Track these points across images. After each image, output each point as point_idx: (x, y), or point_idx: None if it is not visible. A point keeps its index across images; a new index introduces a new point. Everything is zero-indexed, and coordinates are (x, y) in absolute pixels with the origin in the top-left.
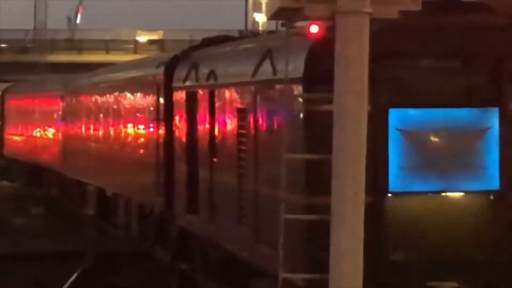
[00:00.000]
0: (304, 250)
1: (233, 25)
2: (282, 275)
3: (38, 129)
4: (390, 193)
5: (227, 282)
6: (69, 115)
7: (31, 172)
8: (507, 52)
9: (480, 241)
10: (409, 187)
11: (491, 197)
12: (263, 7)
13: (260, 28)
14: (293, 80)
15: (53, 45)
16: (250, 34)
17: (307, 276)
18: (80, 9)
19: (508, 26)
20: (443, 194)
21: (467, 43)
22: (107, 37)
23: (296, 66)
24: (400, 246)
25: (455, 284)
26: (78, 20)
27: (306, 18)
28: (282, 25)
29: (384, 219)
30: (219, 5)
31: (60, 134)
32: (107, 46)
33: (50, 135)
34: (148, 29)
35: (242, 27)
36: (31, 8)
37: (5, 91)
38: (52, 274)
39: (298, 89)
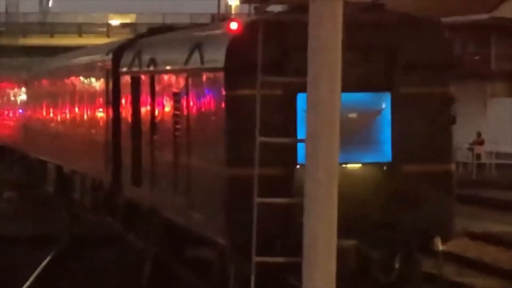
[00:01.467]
0: (225, 214)
1: (207, 9)
2: (256, 259)
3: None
4: (298, 165)
5: (166, 245)
6: (32, 98)
7: None
8: (398, 46)
9: (376, 204)
10: None
11: (385, 167)
12: None
13: (233, 12)
14: (216, 70)
15: (25, 29)
16: (189, 25)
17: (280, 259)
18: None
19: (399, 23)
20: (345, 165)
21: (366, 38)
22: (80, 20)
23: (219, 58)
24: None
25: (355, 241)
26: (50, 3)
27: (279, 2)
28: (255, 9)
29: (293, 187)
30: None
31: (23, 117)
32: (79, 29)
33: (14, 117)
34: (121, 12)
35: (215, 10)
36: None
37: None
38: (24, 259)
39: (220, 77)
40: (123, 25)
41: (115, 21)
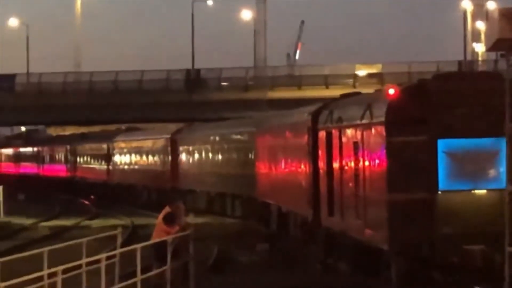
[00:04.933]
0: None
1: (453, 56)
2: None
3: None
4: (440, 191)
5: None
6: (260, 150)
7: None
8: None
9: None
10: None
11: None
12: (482, 36)
13: (480, 58)
14: (380, 122)
15: (273, 82)
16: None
17: None
18: (299, 45)
19: None
20: None
21: None
22: (326, 72)
23: (381, 115)
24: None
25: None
26: (297, 56)
27: None
28: (501, 56)
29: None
30: (438, 36)
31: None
32: (326, 81)
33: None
34: (367, 62)
35: (461, 57)
36: (250, 46)
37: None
38: None
39: (382, 129)
40: (370, 75)
41: (361, 72)
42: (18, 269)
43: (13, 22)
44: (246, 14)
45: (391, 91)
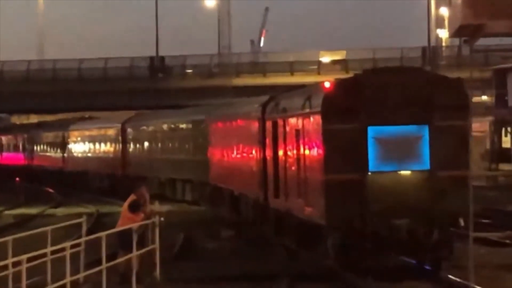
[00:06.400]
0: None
1: (417, 42)
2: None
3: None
4: (370, 172)
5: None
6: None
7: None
8: None
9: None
10: None
11: None
12: (446, 22)
13: (444, 44)
14: (317, 112)
15: (238, 69)
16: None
17: None
18: (263, 32)
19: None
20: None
21: None
22: (291, 59)
23: (318, 105)
24: None
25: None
26: (261, 43)
27: (487, 35)
28: (464, 41)
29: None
30: (402, 22)
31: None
32: (291, 67)
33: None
34: (332, 49)
35: (425, 43)
36: (215, 34)
37: (124, 122)
38: None
39: (319, 117)
40: (334, 62)
41: (325, 58)
42: None
43: None
44: (210, 1)
45: (327, 84)
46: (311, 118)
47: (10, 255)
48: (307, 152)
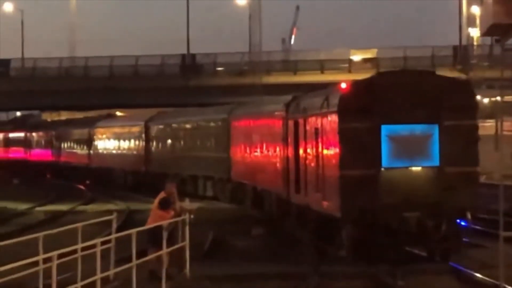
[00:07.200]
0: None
1: (448, 41)
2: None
3: None
4: (383, 167)
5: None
6: (235, 135)
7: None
8: None
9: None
10: None
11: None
12: (477, 21)
13: (475, 43)
14: (334, 111)
15: (268, 67)
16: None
17: None
18: (294, 31)
19: None
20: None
21: None
22: (321, 57)
23: (335, 105)
24: None
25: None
26: (292, 41)
27: None
28: (496, 41)
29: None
30: (433, 21)
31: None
32: (321, 66)
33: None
34: (362, 47)
35: (456, 42)
36: (246, 32)
37: (147, 120)
38: None
39: (336, 117)
40: (365, 60)
41: (356, 57)
42: (14, 254)
43: (8, 7)
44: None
45: (343, 85)
46: (329, 118)
47: (41, 251)
48: (325, 149)
